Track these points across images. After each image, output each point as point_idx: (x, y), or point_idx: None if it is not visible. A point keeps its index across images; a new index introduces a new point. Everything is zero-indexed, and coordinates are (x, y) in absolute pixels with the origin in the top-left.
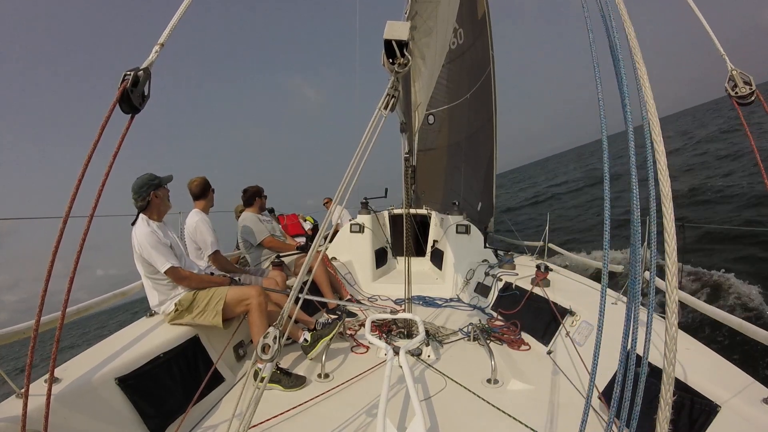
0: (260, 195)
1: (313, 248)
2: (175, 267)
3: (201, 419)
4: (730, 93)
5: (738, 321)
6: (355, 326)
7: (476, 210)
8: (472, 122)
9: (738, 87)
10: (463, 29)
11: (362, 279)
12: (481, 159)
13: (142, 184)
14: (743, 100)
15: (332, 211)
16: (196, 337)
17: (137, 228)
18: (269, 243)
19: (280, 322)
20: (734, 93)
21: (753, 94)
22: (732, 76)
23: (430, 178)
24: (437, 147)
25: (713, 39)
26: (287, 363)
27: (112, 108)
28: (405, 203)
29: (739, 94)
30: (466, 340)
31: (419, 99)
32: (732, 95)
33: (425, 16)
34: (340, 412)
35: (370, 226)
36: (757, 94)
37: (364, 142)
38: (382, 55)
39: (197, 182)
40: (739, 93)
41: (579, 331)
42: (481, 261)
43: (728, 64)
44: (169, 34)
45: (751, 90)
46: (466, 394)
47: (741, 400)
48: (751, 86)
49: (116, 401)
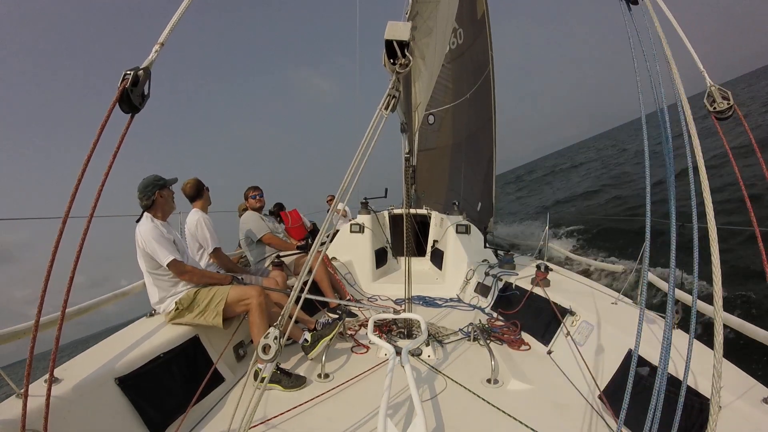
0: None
1: (313, 248)
2: (178, 261)
3: (201, 419)
4: (708, 109)
5: (738, 321)
6: (355, 326)
7: (476, 210)
8: (472, 122)
9: (716, 102)
10: (463, 29)
11: (362, 279)
12: (481, 159)
13: (148, 184)
14: (721, 114)
15: (333, 211)
16: (196, 337)
17: (141, 224)
18: (269, 239)
19: (280, 322)
20: (713, 108)
21: (731, 109)
22: (710, 92)
23: (430, 178)
24: (437, 147)
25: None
26: (287, 363)
27: (111, 107)
28: (405, 203)
29: (717, 109)
30: (467, 340)
31: (419, 99)
32: (711, 111)
33: (425, 16)
34: (341, 413)
35: (370, 226)
36: (734, 108)
37: (365, 142)
38: (383, 56)
39: (190, 184)
40: (717, 108)
41: (579, 331)
42: (481, 261)
43: (707, 80)
44: (170, 33)
45: (729, 105)
46: (467, 394)
47: (741, 400)
48: (729, 101)
49: (116, 401)
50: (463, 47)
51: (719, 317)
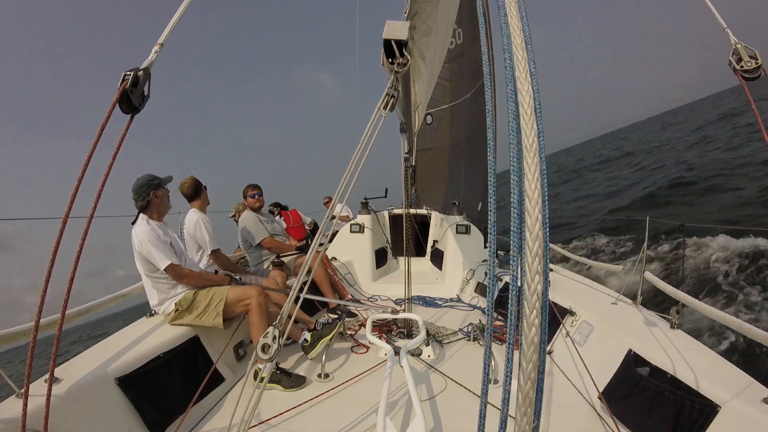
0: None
1: (312, 248)
2: (175, 264)
3: (201, 419)
4: (735, 67)
5: (737, 321)
6: (355, 326)
7: (476, 210)
8: (472, 122)
9: (743, 61)
10: (463, 29)
11: (362, 279)
12: (482, 159)
13: (142, 184)
14: (749, 74)
15: (331, 211)
16: (196, 337)
17: (137, 226)
18: (268, 243)
19: (279, 322)
20: (739, 67)
21: (759, 69)
22: (736, 50)
23: (430, 178)
24: (437, 147)
25: (713, 11)
26: (287, 363)
27: (111, 108)
28: (405, 203)
29: (744, 68)
30: (466, 340)
31: (419, 99)
32: (737, 69)
33: (424, 16)
34: (340, 412)
35: (370, 226)
36: (763, 69)
37: (363, 142)
38: (381, 55)
39: (188, 183)
40: (745, 67)
41: (579, 331)
42: (481, 261)
43: (731, 38)
44: (169, 34)
45: (757, 64)
46: (466, 394)
47: (741, 400)
48: (756, 60)
49: (116, 401)
50: (463, 47)
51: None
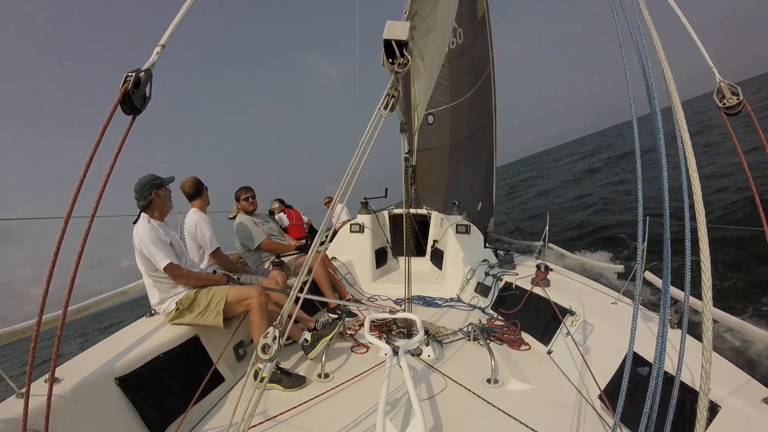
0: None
1: (312, 248)
2: (174, 264)
3: (201, 419)
4: (718, 104)
5: (737, 321)
6: (355, 326)
7: (476, 210)
8: (472, 122)
9: (726, 98)
10: (463, 29)
11: (362, 279)
12: (482, 159)
13: (144, 184)
14: (731, 110)
15: (332, 211)
16: (196, 336)
17: (138, 225)
18: (267, 246)
19: (280, 322)
20: (722, 104)
21: (740, 104)
22: (720, 88)
23: (430, 178)
24: (437, 147)
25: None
26: (287, 363)
27: (113, 109)
28: (405, 203)
29: (726, 105)
30: (466, 340)
31: (419, 99)
32: (720, 106)
33: (424, 16)
34: (340, 412)
35: (370, 226)
36: (744, 103)
37: (363, 142)
38: (381, 55)
39: (189, 182)
40: (727, 104)
41: (579, 331)
42: (481, 261)
43: (716, 76)
44: (171, 35)
45: (738, 100)
46: (466, 394)
47: (741, 399)
48: (738, 96)
49: (116, 401)
50: (463, 47)
51: (708, 312)
